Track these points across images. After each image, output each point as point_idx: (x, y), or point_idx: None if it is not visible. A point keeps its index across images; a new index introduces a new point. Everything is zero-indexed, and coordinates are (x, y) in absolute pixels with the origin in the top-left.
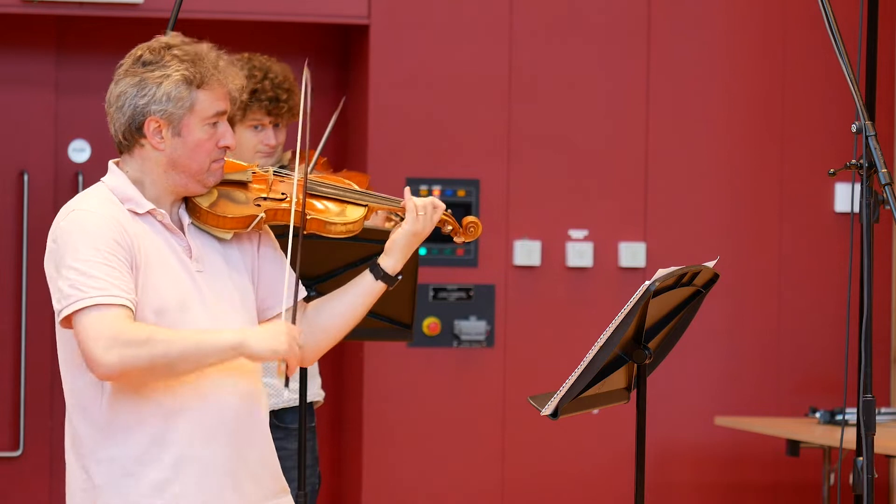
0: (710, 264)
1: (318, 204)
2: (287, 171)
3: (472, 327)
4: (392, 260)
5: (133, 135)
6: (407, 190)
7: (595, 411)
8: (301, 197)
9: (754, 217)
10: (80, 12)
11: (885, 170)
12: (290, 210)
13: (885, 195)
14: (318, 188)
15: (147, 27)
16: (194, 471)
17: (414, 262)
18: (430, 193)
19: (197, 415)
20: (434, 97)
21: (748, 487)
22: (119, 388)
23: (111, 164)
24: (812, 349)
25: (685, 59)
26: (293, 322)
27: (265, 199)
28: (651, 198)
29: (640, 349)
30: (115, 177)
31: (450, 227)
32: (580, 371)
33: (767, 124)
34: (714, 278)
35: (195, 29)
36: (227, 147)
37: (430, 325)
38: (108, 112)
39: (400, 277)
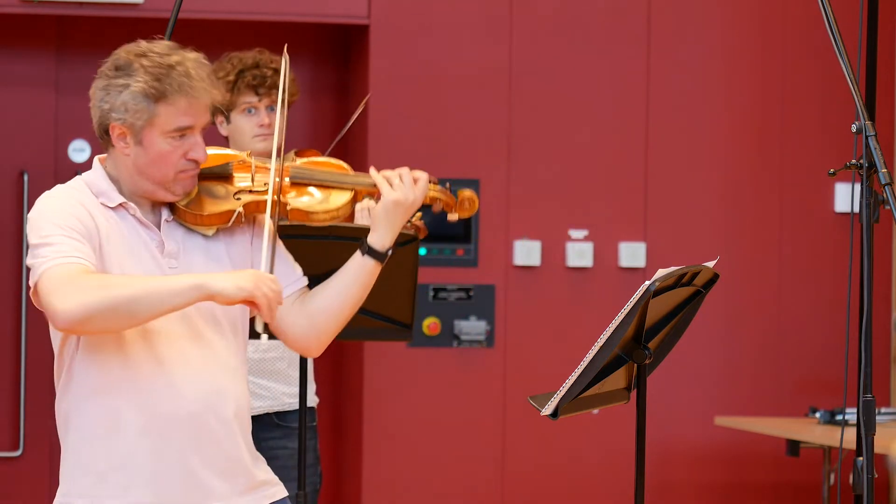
0: (710, 264)
1: (301, 193)
2: (267, 159)
3: (472, 327)
4: (377, 234)
5: (103, 136)
6: (371, 168)
7: (595, 411)
8: (277, 184)
9: (754, 217)
10: (80, 12)
11: (885, 170)
12: (273, 200)
13: (885, 195)
14: (301, 175)
15: (147, 27)
16: (147, 458)
17: (414, 262)
18: None
19: (155, 402)
20: (434, 97)
21: (748, 487)
22: (84, 357)
23: (96, 159)
24: (812, 349)
25: (685, 59)
26: (269, 272)
27: (247, 191)
28: (651, 198)
29: (640, 349)
30: (94, 172)
31: (441, 205)
32: (580, 371)
33: (767, 124)
34: (714, 278)
35: (195, 29)
36: (195, 160)
37: (430, 325)
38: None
39: (390, 253)
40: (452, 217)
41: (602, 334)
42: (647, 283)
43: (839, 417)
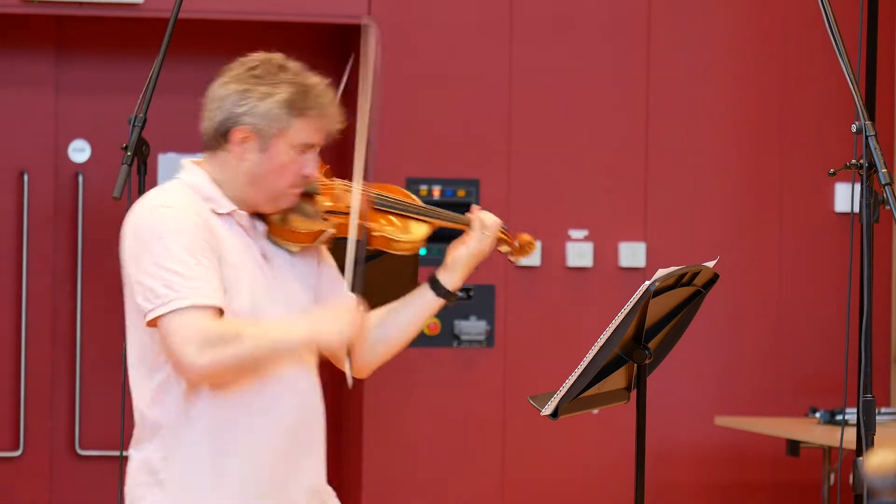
0: (710, 264)
1: (383, 220)
2: (349, 183)
3: (472, 327)
4: (452, 276)
5: (218, 138)
6: (475, 206)
7: (595, 411)
8: (364, 210)
9: (754, 217)
10: (80, 12)
11: (885, 170)
12: (360, 224)
13: (885, 195)
14: (384, 202)
15: (147, 27)
16: (252, 478)
17: (414, 263)
18: (430, 193)
19: (260, 423)
20: (434, 97)
21: (748, 487)
22: (192, 389)
23: (188, 162)
24: (812, 349)
25: (685, 60)
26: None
27: (333, 213)
28: (651, 198)
29: (640, 349)
30: (195, 175)
31: (506, 248)
32: (580, 371)
33: (767, 124)
34: (714, 278)
35: (195, 29)
36: (307, 177)
37: (429, 325)
38: (205, 108)
39: (461, 295)
40: (514, 259)
41: (602, 334)
42: (647, 283)
43: (839, 417)
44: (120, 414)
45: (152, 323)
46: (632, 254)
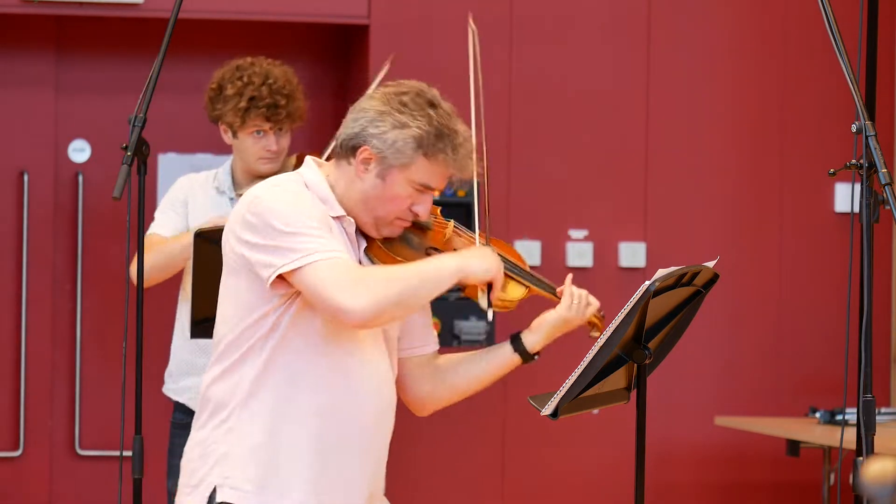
0: (710, 264)
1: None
2: (467, 230)
3: (472, 327)
4: (535, 337)
5: (347, 150)
6: (569, 277)
7: (595, 411)
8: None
9: (754, 217)
10: (80, 12)
11: (885, 170)
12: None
13: (885, 195)
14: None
15: (147, 27)
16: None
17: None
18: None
19: (335, 410)
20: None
21: (748, 487)
22: (276, 353)
23: (311, 159)
24: (812, 349)
25: (685, 60)
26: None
27: (437, 250)
28: (651, 198)
29: (640, 349)
30: (314, 173)
31: (596, 333)
32: (580, 371)
33: (767, 124)
34: (714, 278)
35: (195, 29)
36: (417, 214)
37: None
38: (347, 115)
39: (537, 358)
40: (595, 335)
41: (602, 334)
42: (647, 283)
43: (839, 417)
44: (120, 414)
45: (283, 278)
46: (632, 254)
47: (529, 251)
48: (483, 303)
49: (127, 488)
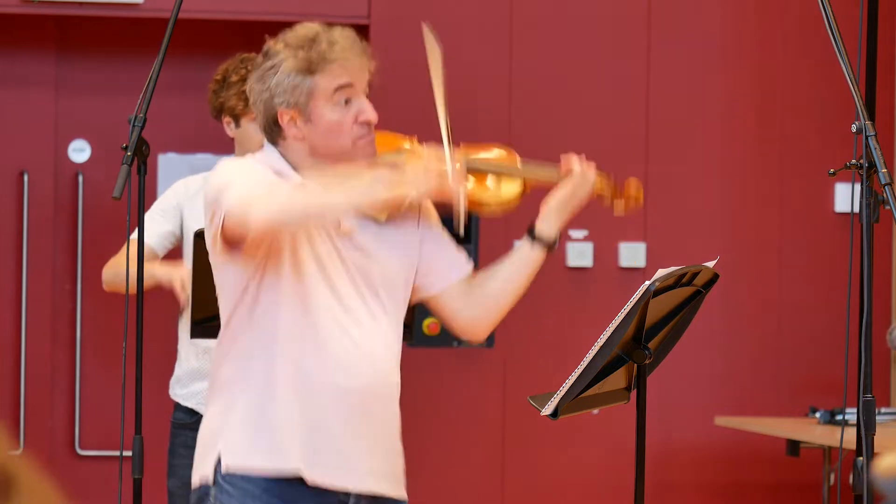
0: (710, 264)
1: (473, 181)
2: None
3: None
4: (547, 223)
5: (273, 129)
6: (570, 154)
7: (595, 411)
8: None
9: (754, 217)
10: (80, 12)
11: (885, 170)
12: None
13: (885, 195)
14: (474, 165)
15: (147, 27)
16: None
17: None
18: None
19: (314, 370)
20: (434, 97)
21: (748, 487)
22: (259, 322)
23: (269, 146)
24: (812, 349)
25: (685, 59)
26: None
27: None
28: (651, 198)
29: (640, 349)
30: (269, 154)
31: (607, 198)
32: (580, 371)
33: (767, 124)
34: (714, 278)
35: (195, 29)
36: (367, 121)
37: (429, 325)
38: (252, 107)
39: (557, 244)
40: (618, 208)
41: (602, 334)
42: (647, 283)
43: (839, 417)
44: (120, 414)
45: (227, 246)
46: (632, 254)
47: None
48: (458, 218)
49: (127, 488)
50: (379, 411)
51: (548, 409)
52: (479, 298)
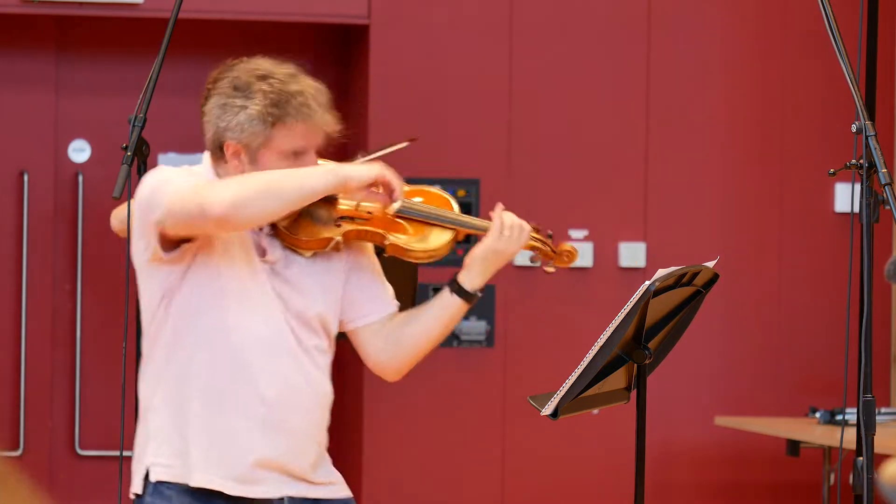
0: (710, 264)
1: (401, 228)
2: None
3: (472, 327)
4: (469, 275)
5: (216, 152)
6: (499, 206)
7: (595, 411)
8: (379, 217)
9: (754, 217)
10: (80, 12)
11: (885, 170)
12: (374, 231)
13: (885, 195)
14: (407, 210)
15: (147, 27)
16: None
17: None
18: None
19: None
20: (434, 97)
21: (748, 487)
22: (177, 324)
23: (208, 156)
24: (812, 349)
25: (685, 60)
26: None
27: (349, 218)
28: (651, 198)
29: (640, 349)
30: (205, 168)
31: (538, 261)
32: (580, 371)
33: (767, 124)
34: (714, 278)
35: (195, 29)
36: None
37: None
38: (202, 119)
39: (480, 295)
40: (549, 269)
41: (602, 334)
42: (647, 283)
43: (839, 417)
44: (120, 414)
45: (170, 238)
46: (632, 254)
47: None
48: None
49: (127, 488)
50: (296, 422)
51: (548, 410)
52: (397, 339)
